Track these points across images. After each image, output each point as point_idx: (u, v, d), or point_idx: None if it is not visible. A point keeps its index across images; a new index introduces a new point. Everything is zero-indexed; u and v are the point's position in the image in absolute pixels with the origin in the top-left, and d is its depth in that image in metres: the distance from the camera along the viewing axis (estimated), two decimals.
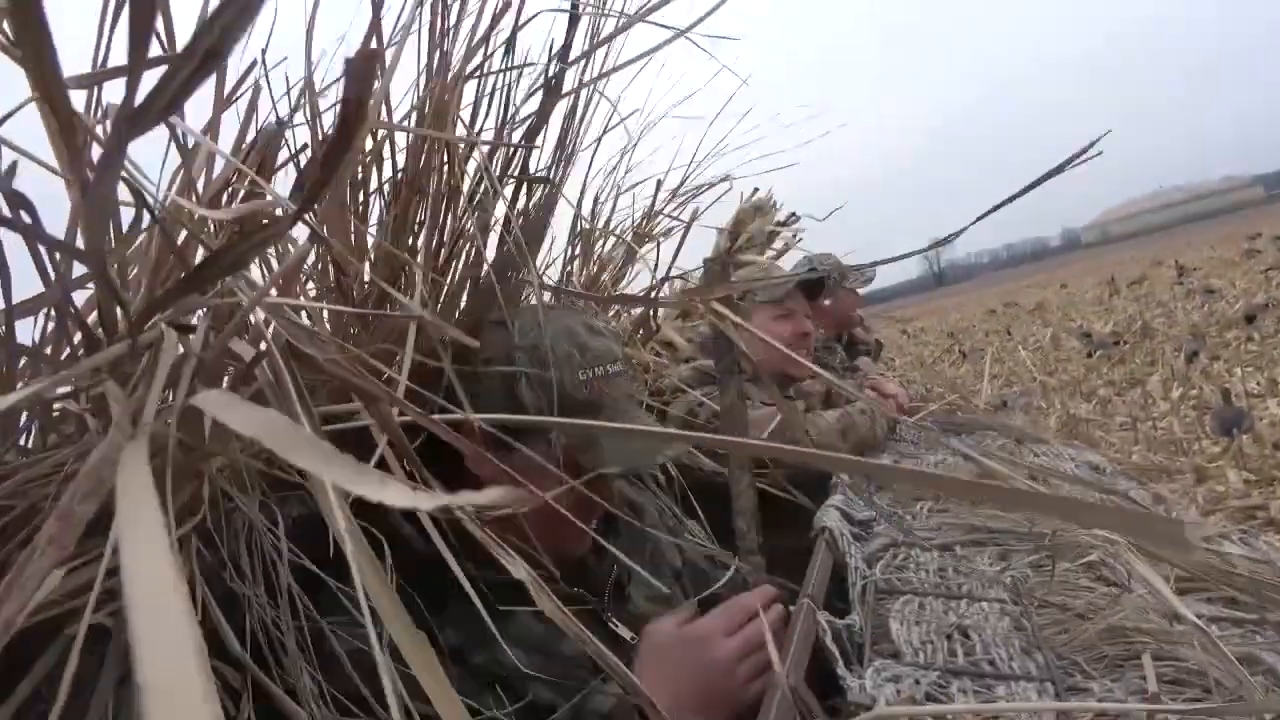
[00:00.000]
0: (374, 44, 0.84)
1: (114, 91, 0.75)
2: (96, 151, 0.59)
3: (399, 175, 0.97)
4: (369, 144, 0.92)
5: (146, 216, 0.77)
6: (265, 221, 0.76)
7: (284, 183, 0.95)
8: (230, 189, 0.86)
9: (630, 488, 1.53)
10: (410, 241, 1.06)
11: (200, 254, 0.83)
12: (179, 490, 0.75)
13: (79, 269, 0.75)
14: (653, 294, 1.83)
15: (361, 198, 0.95)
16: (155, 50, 0.60)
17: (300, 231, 0.84)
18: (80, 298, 0.80)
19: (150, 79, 0.48)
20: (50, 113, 0.54)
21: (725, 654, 1.09)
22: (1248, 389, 7.43)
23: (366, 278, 1.02)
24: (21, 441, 0.83)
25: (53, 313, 0.78)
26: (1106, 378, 10.20)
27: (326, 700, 0.87)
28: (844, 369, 3.05)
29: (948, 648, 0.98)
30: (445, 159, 1.01)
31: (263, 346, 0.66)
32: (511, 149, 1.09)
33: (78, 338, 0.78)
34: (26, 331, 0.79)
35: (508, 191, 1.18)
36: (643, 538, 1.38)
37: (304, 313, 1.01)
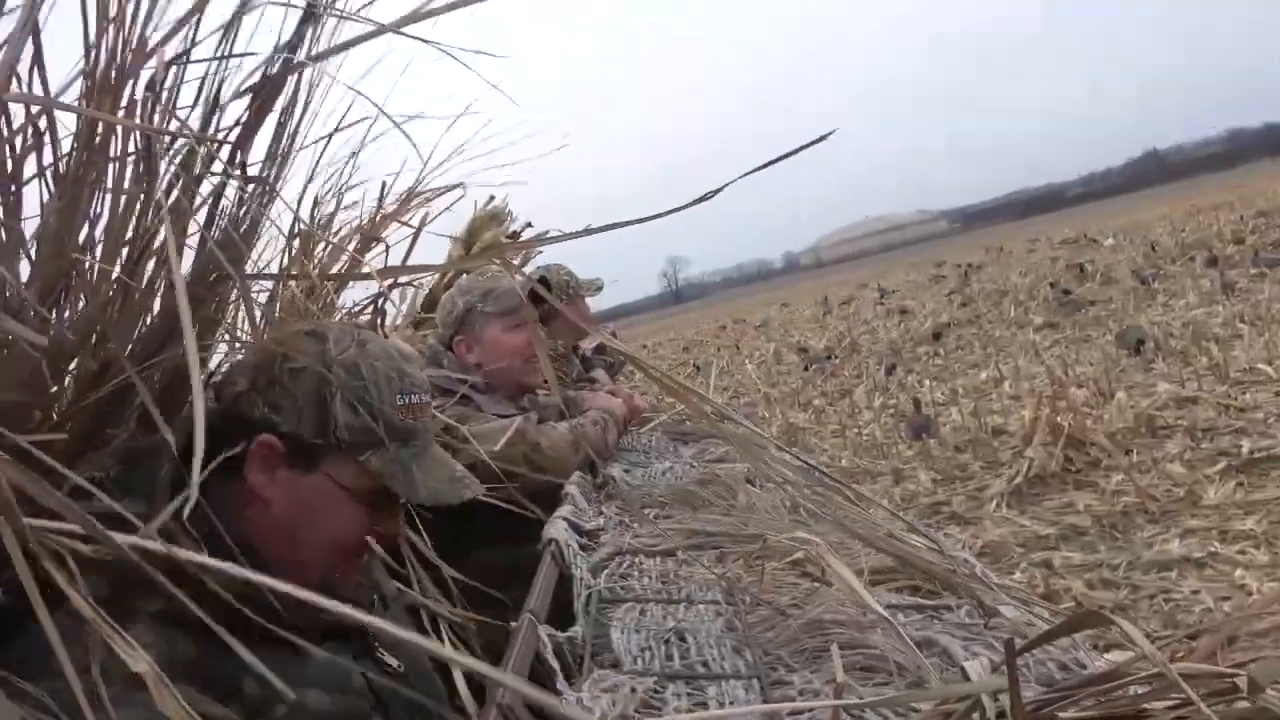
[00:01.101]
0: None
1: None
2: None
3: (63, 162, 0.85)
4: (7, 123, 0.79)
5: None
6: None
7: None
8: None
9: None
10: (82, 239, 0.93)
11: None
12: None
13: None
14: (379, 301, 1.76)
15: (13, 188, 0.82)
16: None
17: None
18: None
19: None
20: None
21: None
22: (934, 398, 8.39)
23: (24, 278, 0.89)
24: None
25: None
26: (820, 389, 11.13)
27: None
28: (579, 380, 3.09)
29: (665, 652, 1.00)
30: (136, 148, 0.90)
31: None
32: (214, 144, 0.99)
33: None
34: None
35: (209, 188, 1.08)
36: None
37: None
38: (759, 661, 0.97)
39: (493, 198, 2.57)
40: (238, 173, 1.07)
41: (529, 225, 2.80)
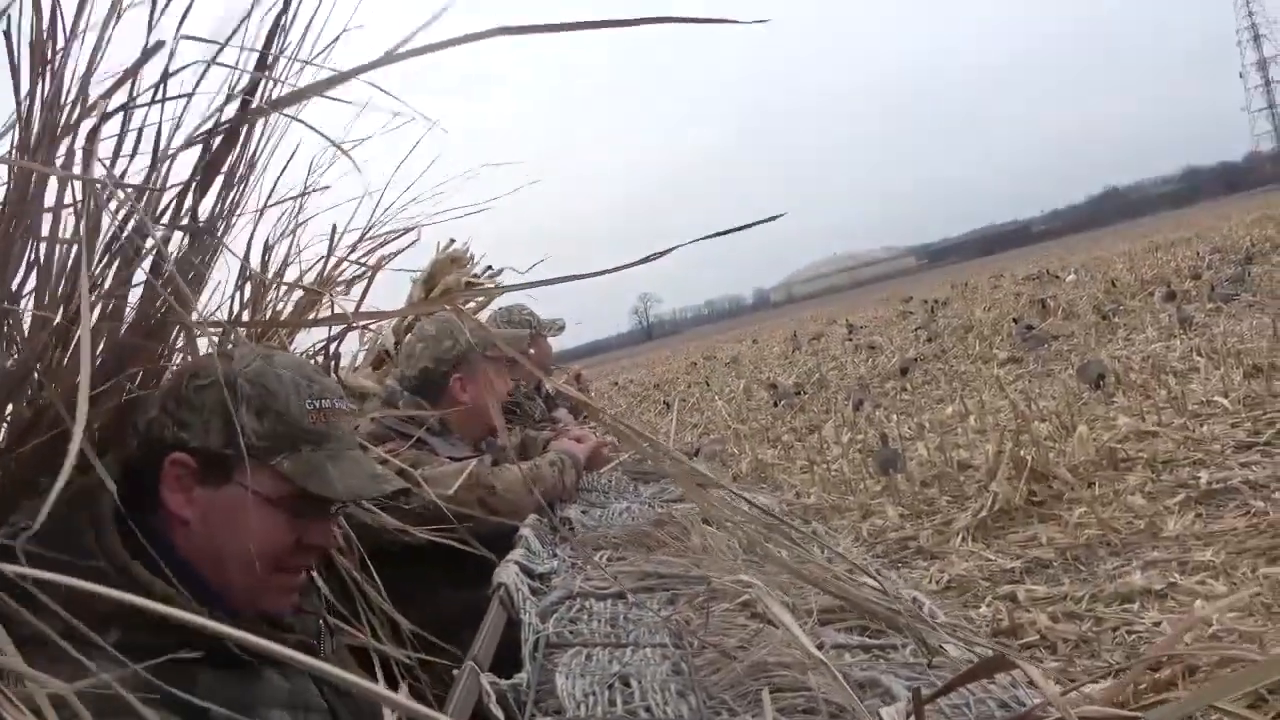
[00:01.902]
0: None
1: None
2: None
3: None
4: None
5: None
6: None
7: None
8: None
9: None
10: (14, 286, 0.93)
11: None
12: None
13: None
14: (333, 344, 1.75)
15: None
16: None
17: None
18: None
19: None
20: None
21: None
22: (902, 433, 8.44)
23: None
24: None
25: None
26: (790, 425, 11.15)
27: None
28: (541, 420, 3.09)
29: (608, 698, 1.00)
30: (72, 197, 0.90)
31: None
32: (156, 194, 0.99)
33: None
34: None
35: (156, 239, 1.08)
36: None
37: None
38: (702, 706, 0.97)
39: (453, 240, 2.58)
40: (184, 222, 1.07)
41: (489, 268, 2.80)
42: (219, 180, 1.18)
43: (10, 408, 1.01)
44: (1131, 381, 7.90)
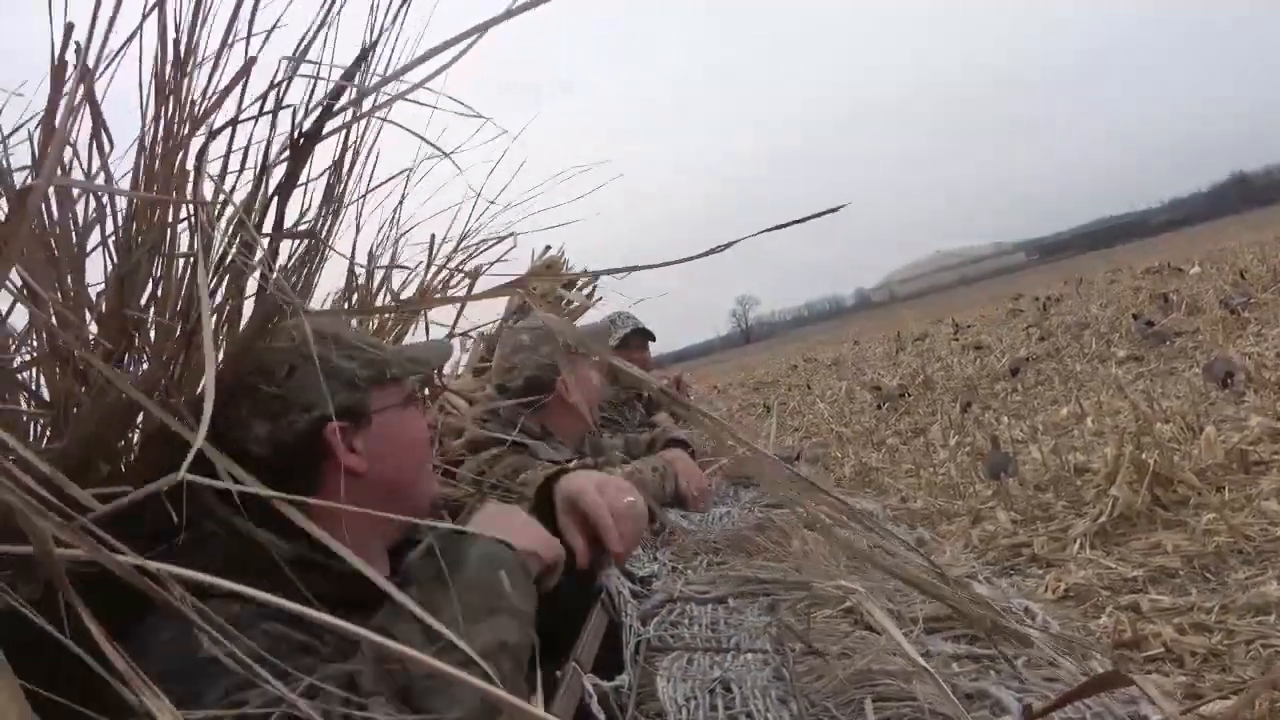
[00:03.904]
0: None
1: None
2: None
3: (122, 231, 0.90)
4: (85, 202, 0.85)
5: None
6: None
7: None
8: None
9: None
10: (144, 300, 0.98)
11: None
12: None
13: None
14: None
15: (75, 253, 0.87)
16: None
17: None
18: None
19: None
20: None
21: None
22: (1013, 436, 8.14)
23: (92, 336, 0.94)
24: None
25: None
26: (894, 428, 10.90)
27: None
28: (641, 424, 3.10)
29: (709, 702, 0.99)
30: (186, 215, 0.95)
31: None
32: (267, 201, 1.04)
33: None
34: None
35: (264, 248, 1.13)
36: None
37: None
38: (804, 713, 0.96)
39: (549, 247, 2.62)
40: (288, 232, 1.12)
41: (586, 270, 2.83)
42: (319, 190, 1.23)
43: (141, 416, 1.07)
44: (1265, 379, 7.42)
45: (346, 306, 1.58)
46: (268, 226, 1.13)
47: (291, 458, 1.19)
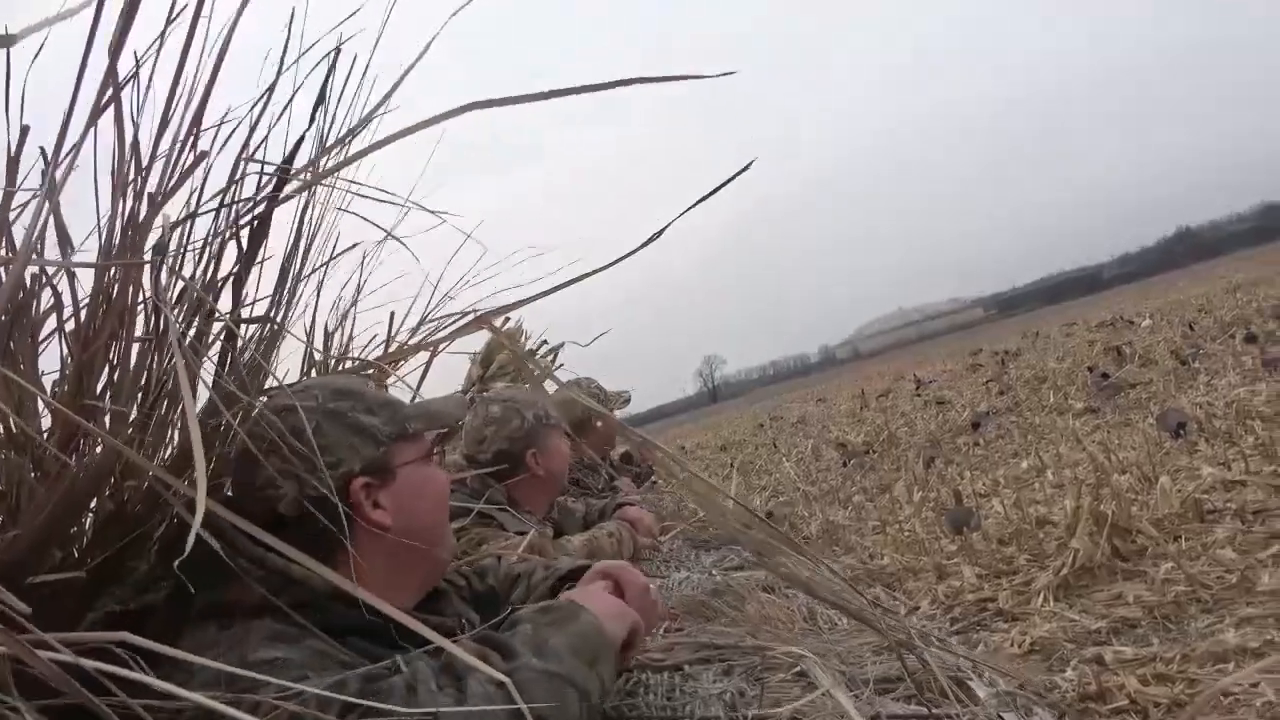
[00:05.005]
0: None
1: None
2: None
3: (81, 317, 0.92)
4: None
5: None
6: None
7: None
8: None
9: None
10: (99, 386, 1.00)
11: None
12: None
13: None
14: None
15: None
16: None
17: None
18: None
19: None
20: None
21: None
22: (976, 489, 8.20)
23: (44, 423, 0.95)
24: None
25: None
26: (860, 485, 10.93)
27: None
28: (603, 490, 3.11)
29: None
30: (140, 299, 0.98)
31: None
32: (216, 293, 1.07)
33: None
34: None
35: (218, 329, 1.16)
36: None
37: None
38: None
39: (508, 319, 2.65)
40: (244, 312, 1.15)
41: (544, 342, 2.88)
42: (276, 273, 1.27)
43: (95, 502, 1.08)
44: (1215, 429, 7.59)
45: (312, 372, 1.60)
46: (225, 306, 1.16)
47: (319, 513, 1.20)
